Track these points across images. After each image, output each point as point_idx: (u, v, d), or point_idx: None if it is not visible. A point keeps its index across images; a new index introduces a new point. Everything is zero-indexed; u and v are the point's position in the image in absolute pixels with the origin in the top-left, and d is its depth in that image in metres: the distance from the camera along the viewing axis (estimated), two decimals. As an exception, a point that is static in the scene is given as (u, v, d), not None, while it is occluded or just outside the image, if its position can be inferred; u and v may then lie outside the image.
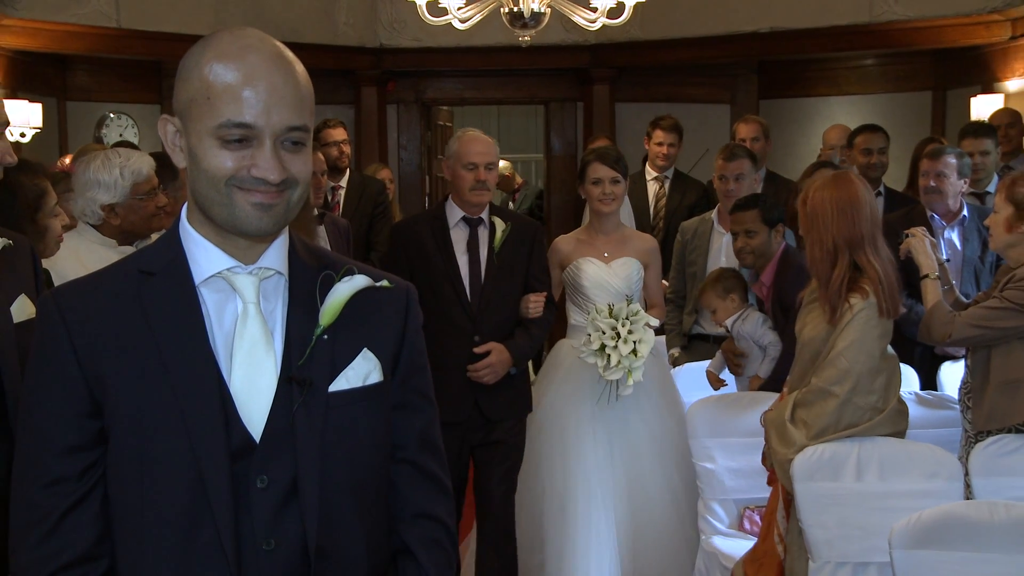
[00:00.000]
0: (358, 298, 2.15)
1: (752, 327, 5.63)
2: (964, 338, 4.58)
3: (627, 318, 5.16)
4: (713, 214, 6.64)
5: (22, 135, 9.66)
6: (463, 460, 5.32)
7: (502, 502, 5.31)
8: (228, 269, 2.07)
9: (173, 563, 2.02)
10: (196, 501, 2.01)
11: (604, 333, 5.14)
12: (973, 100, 9.85)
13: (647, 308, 5.55)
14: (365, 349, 2.14)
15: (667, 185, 8.01)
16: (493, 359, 5.12)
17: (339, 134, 7.93)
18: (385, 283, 2.20)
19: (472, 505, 5.56)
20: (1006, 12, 9.71)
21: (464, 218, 5.26)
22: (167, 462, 2.01)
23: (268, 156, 1.99)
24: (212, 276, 2.07)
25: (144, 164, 4.59)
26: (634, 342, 5.13)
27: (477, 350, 5.13)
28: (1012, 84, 9.85)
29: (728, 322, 5.70)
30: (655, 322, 5.35)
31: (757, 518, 5.22)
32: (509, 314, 5.29)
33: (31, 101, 9.82)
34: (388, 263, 5.37)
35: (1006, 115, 8.24)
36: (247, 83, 1.98)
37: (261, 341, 2.07)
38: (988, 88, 10.03)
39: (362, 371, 2.13)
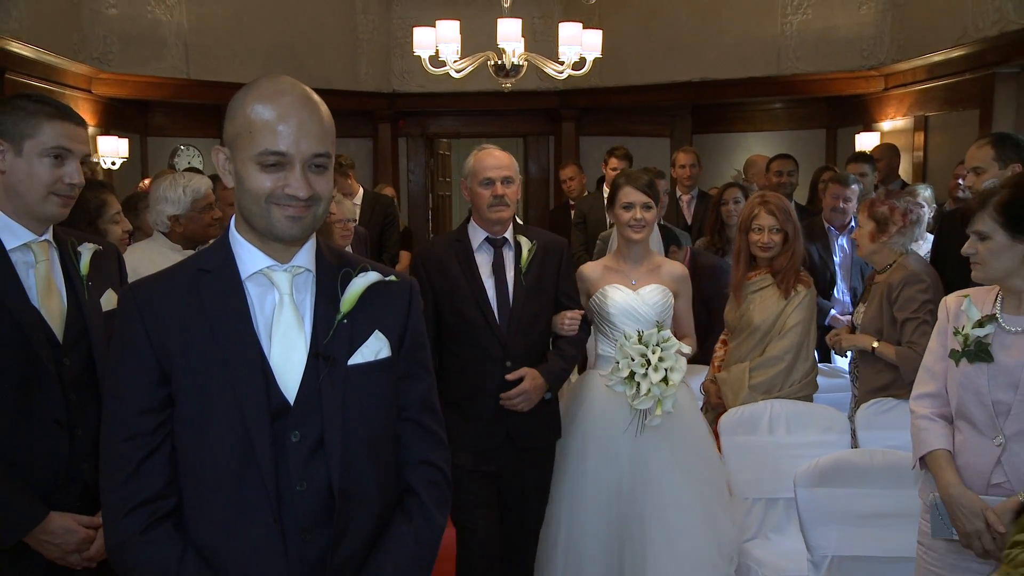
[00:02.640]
0: (371, 290, 2.13)
1: None
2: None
3: (657, 344, 3.95)
4: None
5: (112, 164, 9.68)
6: (489, 492, 4.08)
7: (525, 541, 4.14)
8: (267, 267, 2.07)
9: (227, 501, 2.01)
10: (244, 452, 2.00)
11: (633, 360, 3.94)
12: (857, 136, 9.99)
13: (678, 338, 4.17)
14: (376, 331, 2.13)
15: (620, 201, 7.97)
16: (527, 385, 3.92)
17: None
18: (393, 278, 2.19)
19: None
20: (880, 69, 9.85)
21: (488, 239, 4.03)
22: (221, 421, 2.00)
23: (298, 177, 1.99)
24: (255, 273, 2.07)
25: (202, 184, 4.56)
26: (665, 370, 3.92)
27: (510, 377, 3.93)
28: (886, 124, 9.99)
29: None
30: (687, 349, 4.05)
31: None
32: (541, 336, 4.09)
33: (119, 137, 9.87)
34: None
35: (886, 149, 8.37)
36: (281, 119, 1.97)
37: (294, 325, 2.06)
38: (868, 127, 10.16)
39: (374, 348, 2.11)
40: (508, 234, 4.06)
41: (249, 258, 2.07)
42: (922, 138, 9.33)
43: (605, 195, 7.93)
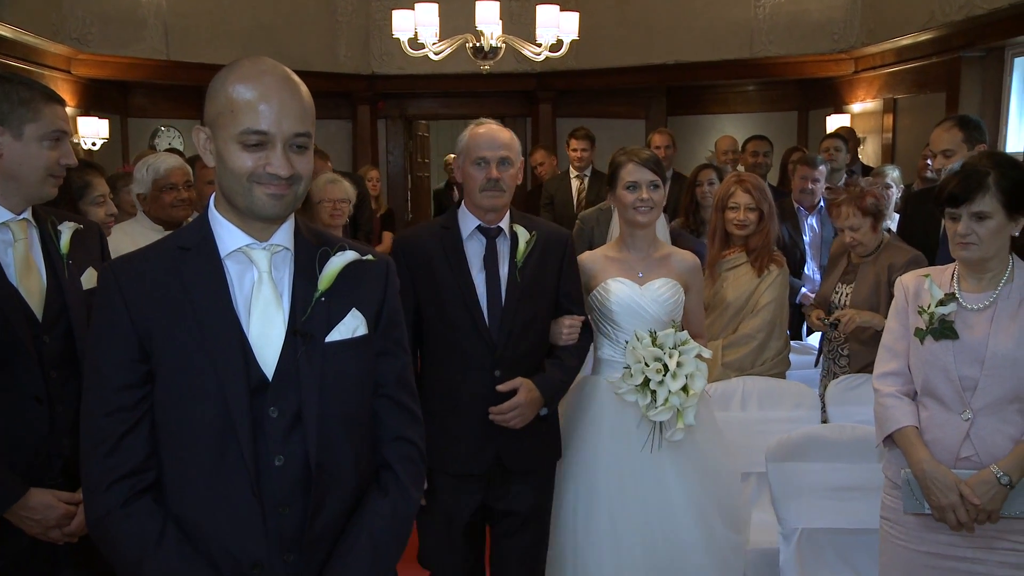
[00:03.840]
0: (348, 269, 2.13)
1: None
2: None
3: (675, 347, 3.39)
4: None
5: (93, 144, 9.60)
6: (475, 525, 3.48)
7: None
8: (247, 245, 2.06)
9: (207, 475, 2.01)
10: (224, 427, 1.99)
11: (647, 366, 3.37)
12: (828, 118, 10.04)
13: None
14: (354, 309, 2.12)
15: (586, 181, 7.95)
16: (521, 399, 3.27)
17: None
18: (370, 257, 2.18)
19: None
20: (850, 52, 9.87)
21: (480, 227, 3.35)
22: (201, 396, 1.99)
23: (279, 156, 1.98)
24: (234, 251, 2.06)
25: (162, 164, 4.50)
26: (685, 376, 3.37)
27: (501, 388, 3.28)
28: (856, 107, 10.04)
29: None
30: (708, 353, 3.49)
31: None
32: (536, 343, 3.40)
33: (100, 118, 9.79)
34: None
35: (845, 132, 8.39)
36: (262, 99, 1.97)
37: (273, 302, 2.05)
38: (838, 109, 10.21)
39: (351, 326, 2.11)
40: (504, 223, 3.39)
41: (228, 236, 2.06)
42: (891, 120, 9.38)
43: (572, 176, 7.96)
